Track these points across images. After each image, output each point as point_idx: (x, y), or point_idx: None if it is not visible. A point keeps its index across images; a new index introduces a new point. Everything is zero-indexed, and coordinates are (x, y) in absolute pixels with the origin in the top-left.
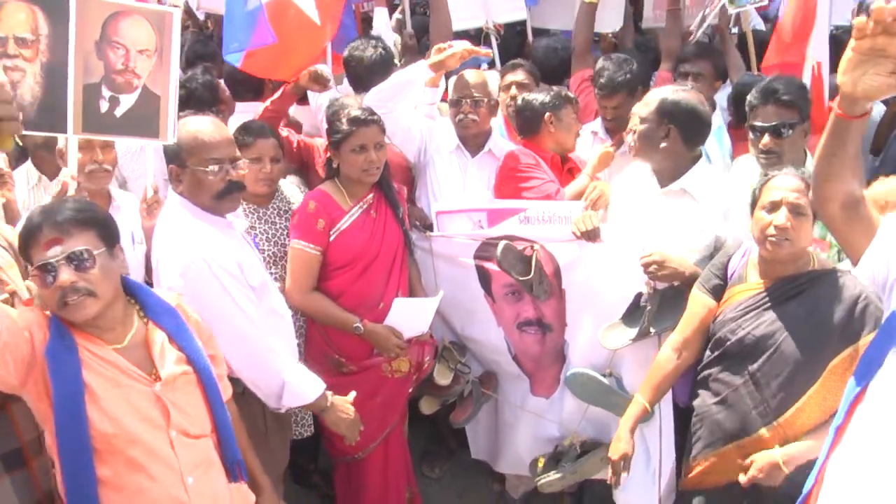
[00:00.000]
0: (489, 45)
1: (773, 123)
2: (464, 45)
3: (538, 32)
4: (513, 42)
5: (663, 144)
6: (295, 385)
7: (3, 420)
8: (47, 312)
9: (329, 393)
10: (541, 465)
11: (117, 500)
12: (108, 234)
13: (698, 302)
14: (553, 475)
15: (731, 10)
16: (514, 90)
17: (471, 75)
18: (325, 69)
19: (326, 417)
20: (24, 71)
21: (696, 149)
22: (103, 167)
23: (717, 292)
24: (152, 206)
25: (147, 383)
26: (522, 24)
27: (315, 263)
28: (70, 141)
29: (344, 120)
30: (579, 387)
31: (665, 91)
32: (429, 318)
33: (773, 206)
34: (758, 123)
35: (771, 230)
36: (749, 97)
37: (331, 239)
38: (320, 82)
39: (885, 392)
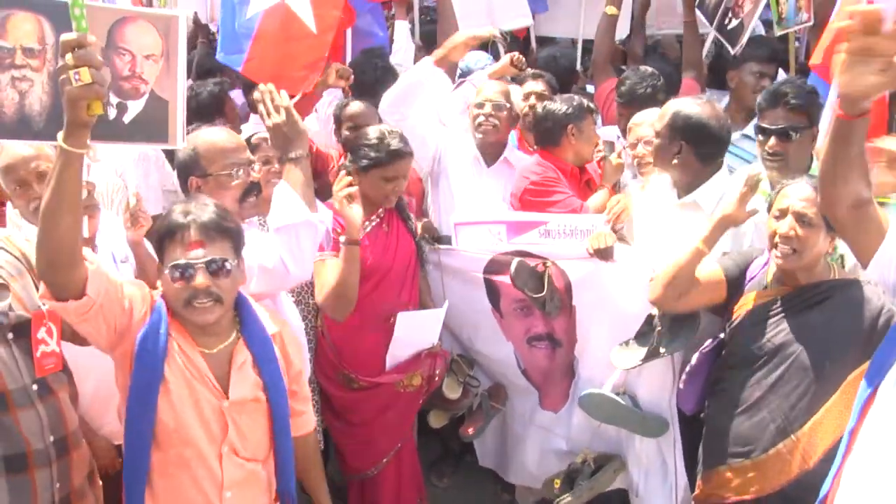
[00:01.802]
0: (496, 52)
1: (781, 126)
2: (466, 34)
3: (543, 41)
4: (522, 51)
5: (675, 161)
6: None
7: (10, 426)
8: (155, 296)
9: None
10: (557, 485)
11: (161, 485)
12: (239, 244)
13: (712, 271)
14: (570, 496)
15: (778, 32)
16: (533, 100)
17: (496, 84)
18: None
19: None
20: (32, 81)
21: (711, 163)
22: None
23: (732, 282)
24: (136, 217)
25: (218, 396)
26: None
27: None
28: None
29: (382, 149)
30: (594, 407)
31: (679, 104)
32: (437, 330)
33: (781, 214)
34: (765, 125)
35: (778, 239)
36: (759, 99)
37: None
38: (345, 76)
39: (894, 394)
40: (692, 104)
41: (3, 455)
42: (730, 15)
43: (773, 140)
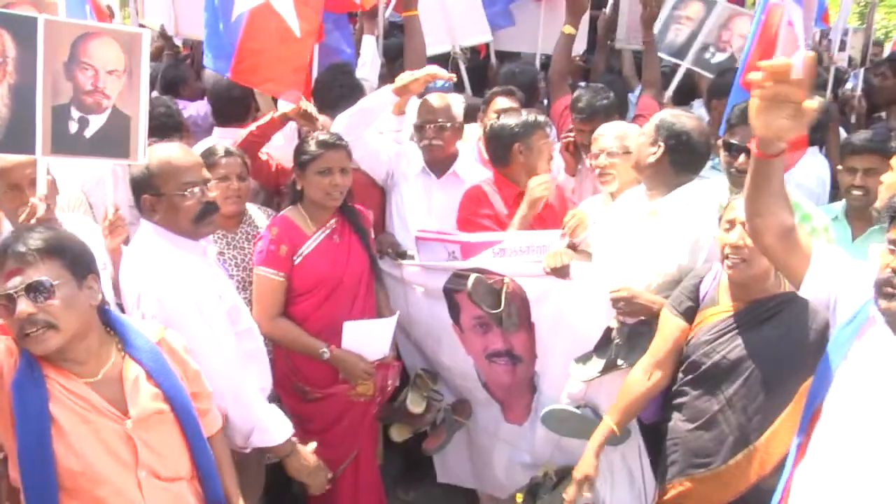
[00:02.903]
0: (457, 69)
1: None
2: (427, 70)
3: (507, 56)
4: (483, 67)
5: (650, 160)
6: (265, 423)
7: None
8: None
9: (295, 440)
10: (519, 500)
11: None
12: (78, 263)
13: (670, 324)
14: None
15: None
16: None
17: (434, 100)
18: (313, 108)
19: (289, 463)
20: None
21: (684, 174)
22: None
23: (689, 314)
24: (116, 225)
25: (117, 420)
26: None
27: (279, 289)
28: (39, 163)
29: (311, 143)
30: (556, 423)
31: (671, 112)
32: (387, 341)
33: (731, 226)
34: (734, 142)
35: (727, 249)
36: (729, 115)
37: (294, 264)
38: (308, 119)
39: (838, 407)
40: (683, 115)
41: None
42: (712, 49)
43: (742, 157)
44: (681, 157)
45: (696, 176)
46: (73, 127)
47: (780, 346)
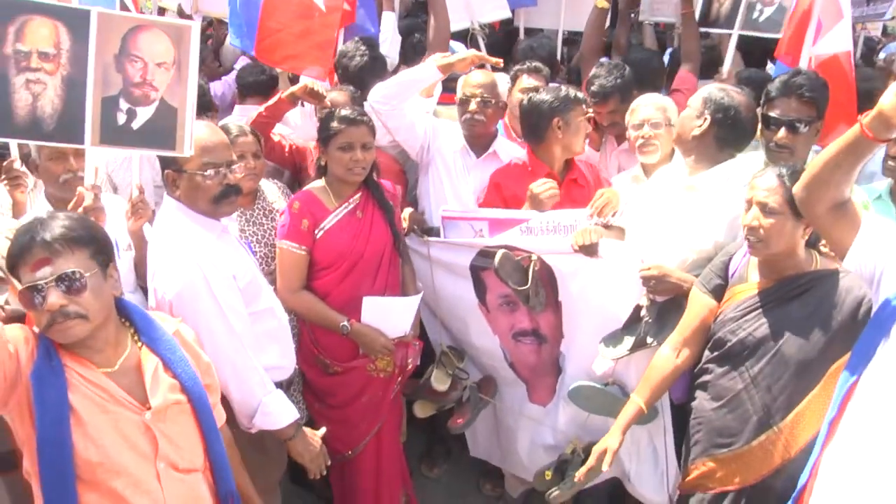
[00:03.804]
0: (476, 45)
1: (791, 118)
2: (474, 52)
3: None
4: (503, 42)
5: (695, 132)
6: (269, 407)
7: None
8: (35, 329)
9: (300, 423)
10: (548, 476)
11: None
12: (102, 252)
13: (699, 302)
14: (562, 486)
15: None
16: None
17: (480, 75)
18: (321, 85)
19: (292, 446)
20: (45, 84)
21: (726, 150)
22: (78, 175)
23: (718, 292)
24: (138, 208)
25: (136, 411)
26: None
27: (301, 263)
28: (88, 153)
29: (334, 118)
30: (584, 400)
31: (721, 86)
32: (409, 319)
33: (748, 205)
34: (774, 115)
35: (745, 230)
36: (769, 87)
37: (316, 238)
38: (316, 97)
39: (876, 384)
40: (730, 89)
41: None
42: (759, 7)
43: (782, 131)
44: (726, 133)
45: (739, 153)
46: (122, 118)
47: (808, 324)
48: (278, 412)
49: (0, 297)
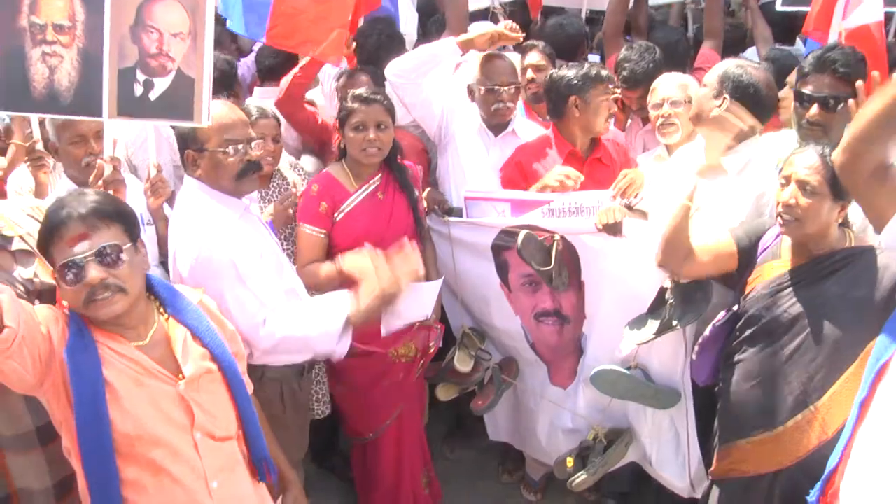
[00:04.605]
0: (496, 22)
1: (825, 94)
2: (494, 27)
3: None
4: (520, 20)
5: (714, 113)
6: (323, 332)
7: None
8: (65, 309)
9: (353, 302)
10: (570, 464)
11: (141, 502)
12: (133, 227)
13: (724, 240)
14: (584, 473)
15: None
16: (530, 73)
17: (504, 63)
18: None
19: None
20: (61, 57)
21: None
22: (100, 157)
23: (742, 252)
24: (156, 186)
25: (171, 382)
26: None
27: (319, 245)
28: (106, 125)
29: (348, 98)
30: (608, 384)
31: (735, 62)
32: (430, 303)
33: (786, 182)
34: (807, 91)
35: (780, 207)
36: (803, 63)
37: (335, 221)
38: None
39: None
40: (748, 65)
41: (35, 427)
42: None
43: (815, 108)
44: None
45: (759, 129)
46: (139, 90)
47: (844, 302)
48: (332, 326)
49: (28, 271)
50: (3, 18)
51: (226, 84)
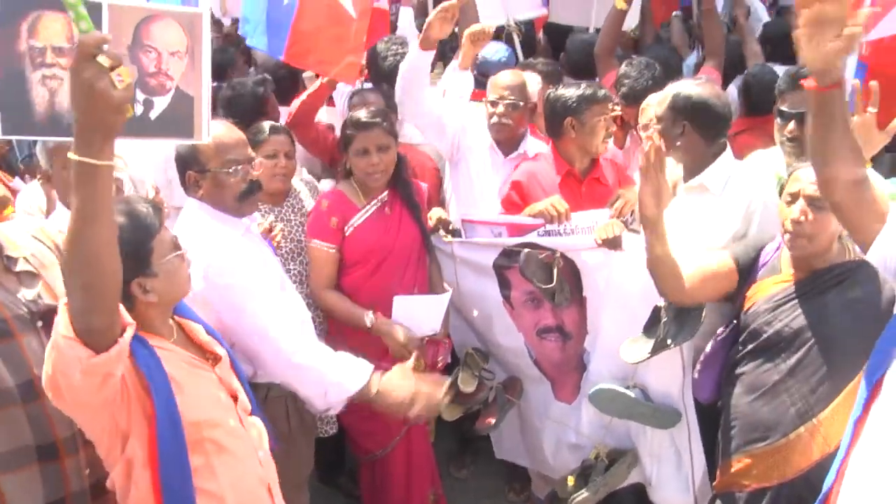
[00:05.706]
0: (511, 43)
1: (801, 111)
2: (443, 6)
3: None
4: (534, 39)
5: (678, 142)
6: (334, 377)
7: (40, 415)
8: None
9: (376, 377)
10: (571, 483)
11: (212, 487)
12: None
13: (722, 260)
14: (585, 492)
15: None
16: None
17: (508, 76)
18: None
19: (377, 405)
20: (61, 79)
21: (715, 143)
22: None
23: (742, 269)
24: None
25: (209, 369)
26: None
27: (331, 261)
28: None
29: (348, 123)
30: (606, 402)
31: (679, 86)
32: (439, 317)
33: (793, 199)
34: (785, 109)
35: (788, 224)
36: (778, 82)
37: (345, 235)
38: None
39: None
40: (692, 84)
41: (35, 445)
42: None
43: (792, 124)
44: (708, 128)
45: (725, 139)
46: (139, 109)
47: (845, 314)
48: (348, 379)
49: (31, 292)
50: (2, 44)
51: (259, 110)
